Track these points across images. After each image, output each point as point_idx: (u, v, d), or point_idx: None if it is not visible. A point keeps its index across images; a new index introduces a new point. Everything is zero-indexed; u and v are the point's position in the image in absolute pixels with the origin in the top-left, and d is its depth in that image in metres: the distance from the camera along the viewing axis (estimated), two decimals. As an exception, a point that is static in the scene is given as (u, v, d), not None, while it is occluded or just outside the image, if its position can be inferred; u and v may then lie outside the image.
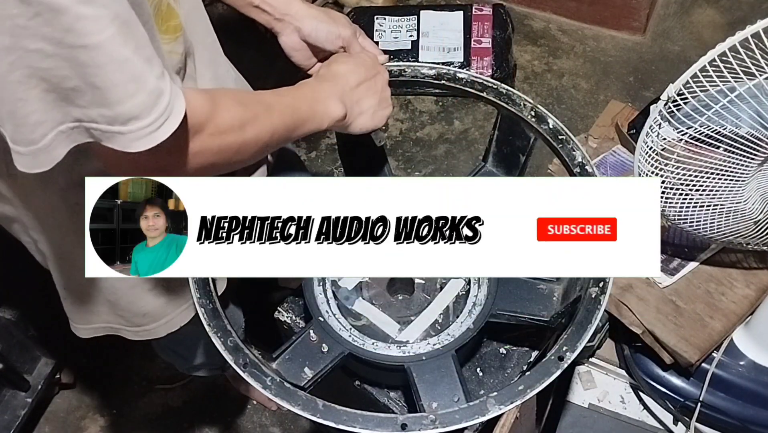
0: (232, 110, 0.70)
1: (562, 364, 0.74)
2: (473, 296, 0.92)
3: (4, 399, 1.41)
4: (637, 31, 2.00)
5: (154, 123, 0.60)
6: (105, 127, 0.59)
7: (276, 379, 0.76)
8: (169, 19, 0.76)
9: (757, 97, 0.80)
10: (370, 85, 0.86)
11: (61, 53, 0.55)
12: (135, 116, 0.59)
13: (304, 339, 0.87)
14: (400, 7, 2.05)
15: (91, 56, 0.56)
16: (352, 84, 0.84)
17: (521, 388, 0.74)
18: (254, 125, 0.72)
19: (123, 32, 0.57)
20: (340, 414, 0.74)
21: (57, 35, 0.54)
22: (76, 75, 0.56)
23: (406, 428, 0.72)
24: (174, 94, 0.62)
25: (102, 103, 0.58)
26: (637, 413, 1.20)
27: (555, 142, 0.90)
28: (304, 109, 0.78)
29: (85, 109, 0.59)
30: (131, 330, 1.00)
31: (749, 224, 0.97)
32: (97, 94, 0.57)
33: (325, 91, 0.81)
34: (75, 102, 0.58)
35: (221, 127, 0.68)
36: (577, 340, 0.76)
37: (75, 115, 0.59)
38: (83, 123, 0.60)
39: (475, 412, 0.73)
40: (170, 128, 0.61)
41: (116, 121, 0.59)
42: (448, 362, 0.84)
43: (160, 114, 0.60)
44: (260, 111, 0.73)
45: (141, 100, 0.59)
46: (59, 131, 0.60)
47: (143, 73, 0.59)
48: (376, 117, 0.88)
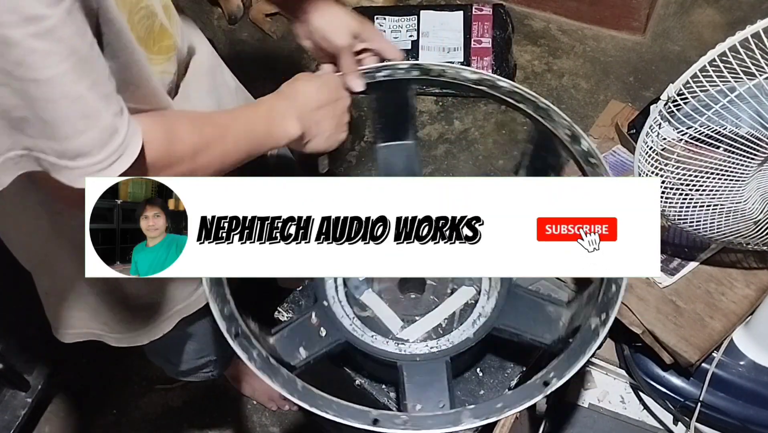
0: (187, 139, 0.70)
1: (545, 390, 0.73)
2: (481, 306, 0.92)
3: (4, 399, 1.41)
4: (637, 31, 2.00)
5: (105, 161, 0.60)
6: (53, 159, 0.59)
7: (263, 354, 0.77)
8: (162, 39, 0.76)
9: (757, 97, 0.80)
10: (330, 109, 0.86)
11: (11, 84, 0.54)
12: (84, 153, 0.59)
13: (305, 321, 0.88)
14: (400, 7, 2.05)
15: (42, 91, 0.55)
16: (312, 105, 0.84)
17: (499, 406, 0.73)
18: (206, 153, 0.72)
19: (78, 69, 0.56)
20: (316, 398, 0.74)
21: (7, 67, 0.53)
22: (25, 106, 0.56)
23: (377, 423, 0.72)
24: (131, 133, 0.61)
25: (51, 136, 0.57)
26: (637, 413, 1.20)
27: (585, 165, 0.88)
28: (260, 129, 0.79)
29: (34, 139, 0.58)
30: (113, 336, 0.99)
31: (749, 224, 0.97)
32: (46, 127, 0.57)
33: (283, 109, 0.81)
34: (25, 131, 0.57)
35: (172, 160, 0.68)
36: (567, 368, 0.74)
37: (24, 143, 0.58)
38: (32, 152, 0.59)
39: (448, 421, 0.73)
40: (122, 167, 0.61)
41: (65, 155, 0.58)
42: (441, 367, 0.84)
43: (112, 152, 0.60)
44: (214, 137, 0.73)
45: (91, 137, 0.58)
46: (7, 158, 0.59)
47: (97, 110, 0.58)
48: (330, 140, 0.87)
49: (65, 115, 0.57)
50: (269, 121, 0.80)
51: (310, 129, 0.84)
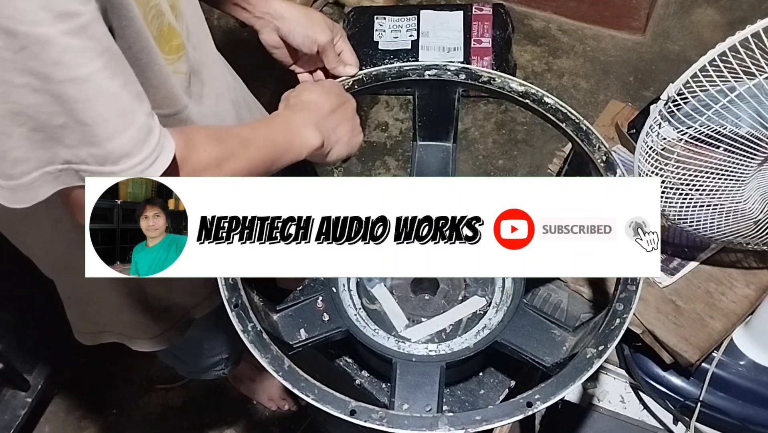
0: (208, 148, 0.69)
1: (527, 410, 0.73)
2: (488, 318, 0.92)
3: (4, 399, 1.41)
4: (637, 31, 2.00)
5: (146, 160, 0.59)
6: (95, 168, 0.58)
7: (257, 328, 0.78)
8: (171, 39, 0.75)
9: (757, 97, 0.80)
10: (341, 112, 0.85)
11: (48, 88, 0.53)
12: (126, 153, 0.58)
13: (311, 303, 0.90)
14: (400, 7, 2.05)
15: (80, 90, 0.54)
16: (325, 112, 0.83)
17: (478, 418, 0.73)
18: (231, 163, 0.71)
19: (111, 66, 0.55)
20: (299, 380, 0.75)
21: (45, 69, 0.52)
22: (63, 111, 0.55)
23: (354, 414, 0.72)
24: (163, 133, 0.60)
25: (91, 141, 0.56)
26: (637, 413, 1.20)
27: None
28: (280, 140, 0.77)
29: (74, 149, 0.57)
30: (135, 340, 1.00)
31: (749, 223, 0.97)
32: (86, 131, 0.56)
33: (301, 120, 0.80)
34: (63, 141, 0.56)
35: (197, 168, 0.67)
36: (552, 393, 0.74)
37: (64, 156, 0.57)
38: (72, 165, 0.58)
39: (423, 424, 0.73)
40: (162, 166, 0.60)
41: (107, 160, 0.58)
42: (434, 371, 0.84)
43: (151, 151, 0.59)
44: (237, 147, 0.72)
45: (131, 136, 0.57)
46: (46, 172, 0.58)
47: (132, 108, 0.57)
48: (351, 144, 0.87)
49: (104, 114, 0.56)
50: (288, 133, 0.78)
51: (329, 137, 0.82)
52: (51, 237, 0.86)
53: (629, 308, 0.80)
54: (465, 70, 0.95)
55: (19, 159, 0.57)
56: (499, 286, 0.96)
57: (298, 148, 0.78)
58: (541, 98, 0.92)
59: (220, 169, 0.70)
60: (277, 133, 0.78)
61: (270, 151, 0.76)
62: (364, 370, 0.97)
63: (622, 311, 0.80)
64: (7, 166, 0.57)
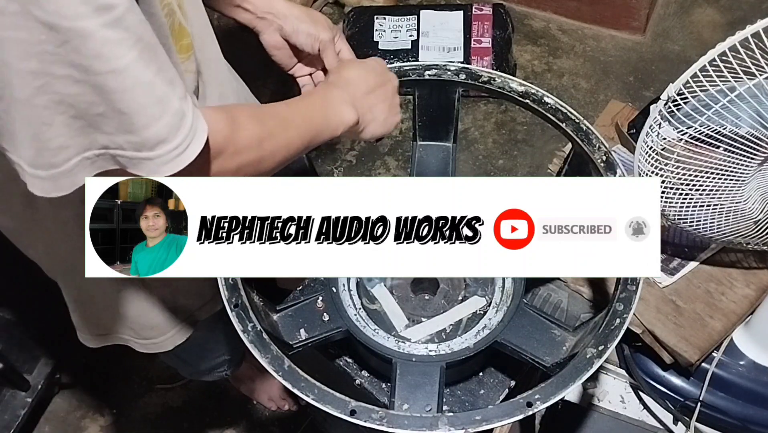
0: (250, 128, 0.69)
1: (527, 410, 0.73)
2: (488, 318, 0.92)
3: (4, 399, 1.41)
4: (637, 31, 2.00)
5: (180, 145, 0.60)
6: (132, 153, 0.59)
7: (258, 328, 0.78)
8: (182, 38, 0.76)
9: (757, 97, 0.80)
10: (380, 92, 0.85)
11: (89, 80, 0.55)
12: (162, 140, 0.59)
13: (311, 303, 0.90)
14: (400, 7, 2.05)
15: (118, 81, 0.55)
16: (363, 90, 0.83)
17: (478, 418, 0.73)
18: (271, 141, 0.71)
19: (145, 55, 0.57)
20: (299, 380, 0.75)
21: (85, 62, 0.54)
22: (102, 101, 0.56)
23: (354, 414, 0.72)
24: (195, 115, 0.61)
25: (129, 129, 0.58)
26: (637, 413, 1.20)
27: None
28: (317, 118, 0.78)
29: (111, 135, 0.58)
30: (140, 342, 1.00)
31: (749, 223, 0.97)
32: (123, 120, 0.57)
33: (337, 98, 0.80)
34: (101, 129, 0.58)
35: (240, 147, 0.68)
36: (552, 393, 0.74)
37: (101, 142, 0.59)
38: (110, 150, 0.59)
39: (423, 424, 0.73)
40: (196, 150, 0.61)
41: (144, 147, 0.59)
42: (434, 371, 0.84)
43: (185, 136, 0.60)
44: (276, 126, 0.73)
45: (166, 122, 0.59)
46: (84, 157, 0.59)
47: (167, 95, 0.58)
48: (387, 124, 0.87)
49: (141, 103, 0.57)
50: (325, 110, 0.79)
51: (364, 115, 0.83)
52: (57, 239, 0.86)
53: (629, 308, 0.80)
54: (465, 70, 0.95)
55: (61, 147, 0.58)
56: (499, 286, 0.96)
57: (334, 126, 0.79)
58: (541, 98, 0.92)
59: (261, 147, 0.70)
60: (314, 111, 0.78)
61: (308, 129, 0.76)
62: (364, 370, 0.97)
63: (622, 311, 0.80)
64: (50, 155, 0.58)
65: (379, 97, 0.85)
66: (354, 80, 0.83)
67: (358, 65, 0.87)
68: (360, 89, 0.83)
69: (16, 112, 0.56)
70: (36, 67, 0.53)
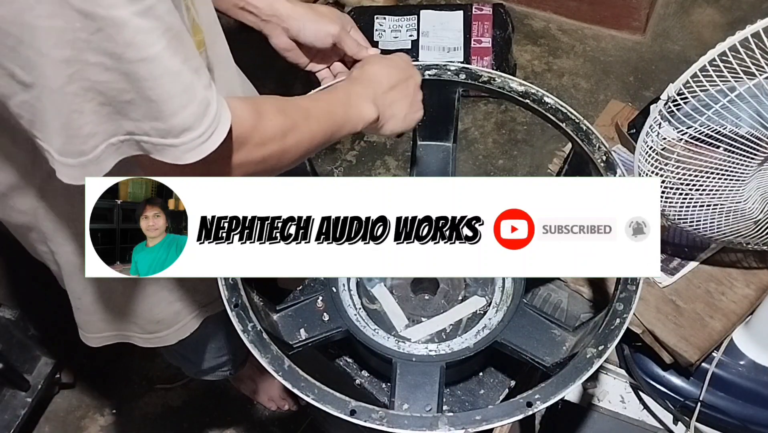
0: (275, 119, 0.70)
1: (527, 410, 0.73)
2: (488, 318, 0.92)
3: (4, 399, 1.41)
4: (637, 31, 2.00)
5: (205, 133, 0.61)
6: (157, 140, 0.60)
7: (258, 327, 0.78)
8: (195, 34, 0.76)
9: (757, 97, 0.80)
10: (402, 88, 0.86)
11: (119, 67, 0.56)
12: (188, 127, 0.60)
13: (311, 303, 0.90)
14: (400, 7, 2.05)
15: (149, 69, 0.56)
16: (384, 87, 0.83)
17: (478, 418, 0.73)
18: (295, 133, 0.72)
19: (173, 44, 0.57)
20: (299, 380, 0.75)
21: (118, 50, 0.55)
22: (132, 89, 0.57)
23: (354, 414, 0.72)
24: (220, 104, 0.62)
25: (156, 116, 0.58)
26: (637, 413, 1.20)
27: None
28: (339, 113, 0.78)
29: (138, 122, 0.59)
30: (143, 337, 1.00)
31: (749, 223, 0.97)
32: (151, 107, 0.58)
33: (358, 93, 0.81)
34: (129, 115, 0.59)
35: (264, 137, 0.69)
36: (553, 393, 0.74)
37: (127, 128, 0.59)
38: (134, 136, 0.60)
39: (423, 424, 0.73)
40: (219, 138, 0.62)
41: (169, 134, 0.59)
42: (434, 371, 0.84)
43: (209, 124, 0.61)
44: (299, 118, 0.73)
45: (192, 111, 0.59)
46: (110, 144, 0.60)
47: (193, 83, 0.59)
48: (407, 120, 0.87)
49: (169, 91, 0.58)
50: (346, 106, 0.79)
51: (384, 112, 0.83)
52: (67, 236, 0.86)
53: (629, 308, 0.80)
54: (465, 70, 0.95)
55: (90, 134, 0.59)
56: (499, 286, 0.96)
57: (354, 122, 0.80)
58: (541, 98, 0.92)
59: (285, 139, 0.71)
60: (336, 106, 0.79)
61: (329, 124, 0.77)
62: (364, 370, 0.97)
63: (622, 311, 0.80)
64: (79, 143, 0.59)
65: (400, 94, 0.85)
66: (376, 76, 0.84)
67: (381, 61, 0.87)
68: (382, 86, 0.83)
69: (48, 100, 0.56)
70: (69, 54, 0.54)
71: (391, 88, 0.84)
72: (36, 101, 0.57)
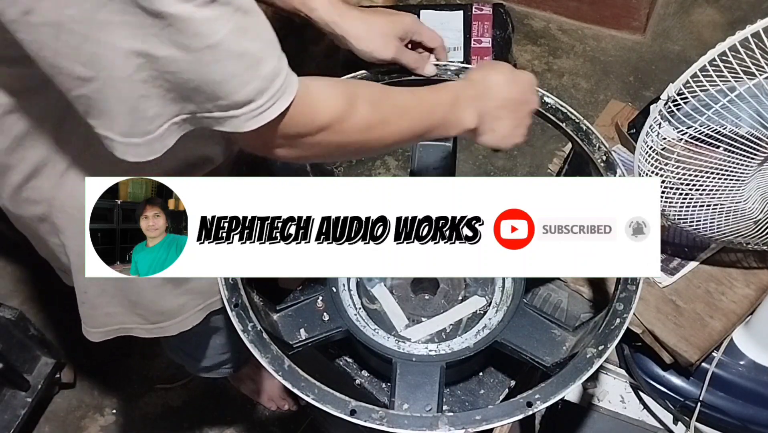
0: (363, 112, 0.70)
1: (527, 410, 0.73)
2: (488, 318, 0.92)
3: (4, 399, 1.41)
4: (637, 31, 2.00)
5: (266, 104, 0.62)
6: (218, 114, 0.62)
7: (258, 327, 0.78)
8: None
9: (757, 97, 0.80)
10: (514, 108, 0.83)
11: (187, 57, 0.57)
12: (249, 100, 0.61)
13: (311, 303, 0.90)
14: (400, 7, 2.05)
15: (213, 55, 0.58)
16: (498, 101, 0.81)
17: (478, 418, 0.73)
18: (380, 128, 0.72)
19: (241, 24, 0.59)
20: (299, 379, 0.75)
21: (186, 41, 0.56)
22: (198, 76, 0.59)
23: (354, 414, 0.73)
24: (288, 76, 0.63)
25: (218, 96, 0.60)
26: (637, 413, 1.20)
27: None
28: (438, 114, 0.77)
29: (201, 104, 0.61)
30: (145, 328, 1.00)
31: (749, 223, 0.97)
32: (215, 88, 0.60)
33: (468, 98, 0.79)
34: (192, 99, 0.61)
35: (346, 127, 0.69)
36: (553, 393, 0.74)
37: (190, 108, 0.62)
38: (197, 114, 0.62)
39: (423, 424, 0.73)
40: (280, 108, 0.63)
41: (231, 108, 0.61)
42: (434, 371, 0.84)
43: (271, 95, 0.62)
44: (392, 115, 0.73)
45: (255, 86, 0.61)
46: (173, 122, 0.62)
47: (259, 60, 0.61)
48: (505, 141, 0.84)
49: (232, 71, 0.59)
50: (450, 109, 0.78)
51: (484, 123, 0.81)
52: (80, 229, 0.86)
53: (629, 308, 0.80)
54: (465, 69, 0.95)
55: (155, 115, 0.61)
56: (499, 286, 0.96)
57: (451, 125, 0.79)
58: (541, 98, 0.92)
59: (368, 132, 0.71)
60: (438, 106, 0.78)
61: (424, 123, 0.76)
62: (364, 370, 0.97)
63: (622, 310, 0.80)
64: (146, 124, 0.61)
65: (510, 113, 0.83)
66: (495, 87, 0.81)
67: (508, 73, 0.84)
68: (496, 99, 0.81)
69: (113, 90, 0.58)
70: (140, 47, 0.56)
71: (503, 103, 0.82)
72: (95, 93, 0.59)
